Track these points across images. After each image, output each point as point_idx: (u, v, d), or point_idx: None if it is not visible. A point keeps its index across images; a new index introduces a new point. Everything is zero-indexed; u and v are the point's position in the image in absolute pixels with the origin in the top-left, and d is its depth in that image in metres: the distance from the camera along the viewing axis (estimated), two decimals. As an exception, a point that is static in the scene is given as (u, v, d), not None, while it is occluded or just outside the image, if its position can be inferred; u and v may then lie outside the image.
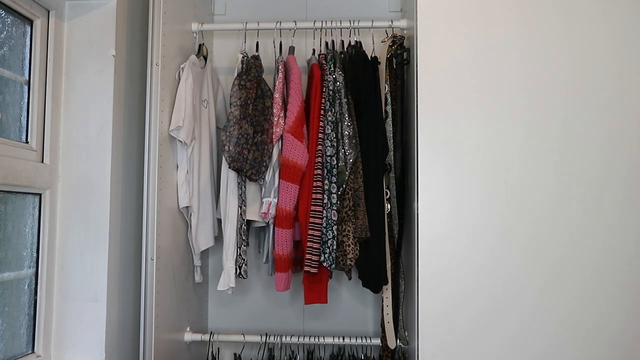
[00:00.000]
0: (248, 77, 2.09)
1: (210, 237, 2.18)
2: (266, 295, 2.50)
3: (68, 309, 1.70)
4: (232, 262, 2.08)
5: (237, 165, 2.03)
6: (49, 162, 1.69)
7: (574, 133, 1.69)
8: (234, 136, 2.03)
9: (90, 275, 1.70)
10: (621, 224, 1.66)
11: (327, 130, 2.07)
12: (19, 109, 1.65)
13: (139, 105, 1.91)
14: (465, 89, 1.71)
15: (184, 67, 2.06)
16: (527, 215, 1.67)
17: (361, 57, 2.15)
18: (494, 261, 1.67)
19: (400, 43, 2.12)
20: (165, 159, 1.95)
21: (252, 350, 2.29)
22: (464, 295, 1.67)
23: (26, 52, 1.67)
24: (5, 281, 1.56)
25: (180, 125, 1.96)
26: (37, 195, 1.67)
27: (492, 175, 1.69)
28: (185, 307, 2.20)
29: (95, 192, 1.71)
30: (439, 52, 1.73)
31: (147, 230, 1.85)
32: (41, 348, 1.67)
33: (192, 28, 2.23)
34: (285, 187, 2.06)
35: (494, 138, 1.70)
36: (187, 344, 2.20)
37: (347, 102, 2.08)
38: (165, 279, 1.94)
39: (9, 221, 1.58)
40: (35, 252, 1.67)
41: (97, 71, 1.74)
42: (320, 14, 2.30)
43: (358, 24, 2.14)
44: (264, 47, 2.28)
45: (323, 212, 2.02)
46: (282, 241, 2.07)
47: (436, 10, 1.74)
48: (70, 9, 1.76)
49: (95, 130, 1.73)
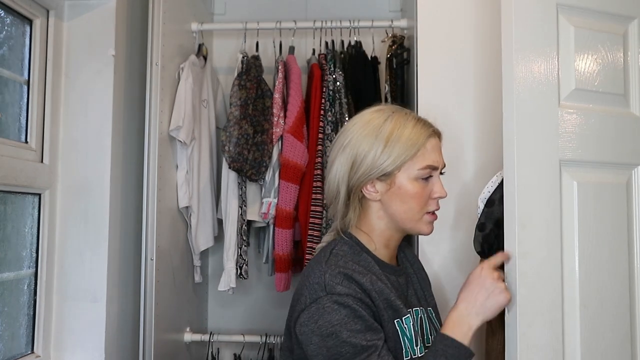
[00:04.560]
0: (248, 77, 2.09)
1: (210, 237, 2.18)
2: (266, 296, 2.49)
3: (68, 309, 1.70)
4: (233, 262, 2.08)
5: (237, 165, 2.03)
6: (49, 162, 1.69)
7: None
8: (234, 136, 2.03)
9: (89, 276, 1.69)
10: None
11: (327, 130, 2.07)
12: (19, 109, 1.64)
13: (139, 105, 1.90)
14: (465, 88, 1.71)
15: (183, 67, 2.05)
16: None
17: (361, 57, 2.15)
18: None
19: (400, 43, 2.12)
20: (165, 159, 1.95)
21: (252, 350, 2.29)
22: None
23: (26, 52, 1.66)
24: (4, 281, 1.56)
25: (180, 125, 1.96)
26: (36, 195, 1.67)
27: (491, 174, 1.69)
28: (185, 307, 2.20)
29: (95, 192, 1.71)
30: (439, 52, 1.73)
31: (147, 230, 1.85)
32: (41, 348, 1.66)
33: (192, 28, 2.22)
34: (285, 187, 2.06)
35: (493, 138, 1.70)
36: (186, 344, 2.19)
37: (347, 102, 2.08)
38: (164, 279, 1.94)
39: (8, 221, 1.58)
40: (34, 252, 1.67)
41: (97, 71, 1.73)
42: (320, 14, 2.29)
43: (358, 23, 2.14)
44: (264, 47, 2.28)
45: (323, 212, 2.02)
46: (282, 241, 2.07)
47: (436, 10, 1.74)
48: (70, 9, 1.75)
49: (95, 130, 1.72)
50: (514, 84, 1.16)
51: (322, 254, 1.16)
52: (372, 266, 1.16)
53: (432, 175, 1.16)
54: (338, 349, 1.04)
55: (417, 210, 1.16)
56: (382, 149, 1.13)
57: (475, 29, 1.72)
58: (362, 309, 1.06)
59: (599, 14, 1.26)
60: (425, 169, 1.14)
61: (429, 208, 1.18)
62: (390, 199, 1.16)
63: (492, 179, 1.43)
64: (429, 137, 1.16)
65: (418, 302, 1.25)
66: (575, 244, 1.19)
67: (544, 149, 1.18)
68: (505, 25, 1.19)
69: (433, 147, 1.16)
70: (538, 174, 1.17)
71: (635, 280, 1.25)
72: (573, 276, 1.18)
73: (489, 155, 1.69)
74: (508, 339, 1.15)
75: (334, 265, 1.10)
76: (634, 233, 1.26)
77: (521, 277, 1.13)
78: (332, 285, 1.07)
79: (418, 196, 1.15)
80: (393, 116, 1.16)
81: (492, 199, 1.39)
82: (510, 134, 1.17)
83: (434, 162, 1.16)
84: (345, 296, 1.06)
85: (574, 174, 1.20)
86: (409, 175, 1.14)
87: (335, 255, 1.14)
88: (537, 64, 1.18)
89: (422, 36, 1.73)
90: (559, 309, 1.16)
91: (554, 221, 1.17)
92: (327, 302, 1.06)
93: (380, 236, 1.20)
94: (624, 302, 1.23)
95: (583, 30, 1.24)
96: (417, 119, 1.18)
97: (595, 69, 1.25)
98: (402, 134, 1.13)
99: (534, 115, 1.18)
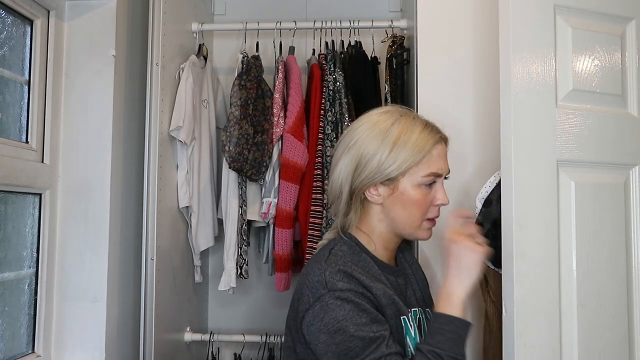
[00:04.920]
0: (248, 77, 2.09)
1: (210, 237, 2.18)
2: (266, 295, 2.50)
3: (68, 309, 1.70)
4: (233, 262, 2.08)
5: (237, 165, 2.03)
6: (49, 162, 1.69)
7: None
8: (234, 136, 2.03)
9: (90, 276, 1.70)
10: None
11: (327, 130, 2.07)
12: (19, 109, 1.65)
13: (139, 105, 1.91)
14: (465, 89, 1.71)
15: (184, 67, 2.06)
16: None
17: (361, 57, 2.15)
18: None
19: (400, 43, 2.12)
20: (165, 159, 1.95)
21: (252, 350, 2.29)
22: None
23: (26, 52, 1.67)
24: (5, 281, 1.56)
25: (180, 125, 1.96)
26: (37, 195, 1.67)
27: (490, 174, 1.69)
28: (185, 307, 2.20)
29: (95, 192, 1.71)
30: (439, 52, 1.73)
31: (147, 230, 1.85)
32: (41, 348, 1.67)
33: (192, 28, 2.23)
34: (286, 187, 2.06)
35: (493, 138, 1.70)
36: (187, 344, 2.20)
37: (347, 102, 2.08)
38: (165, 279, 1.94)
39: (9, 221, 1.58)
40: (35, 252, 1.67)
41: (97, 71, 1.74)
42: (320, 14, 2.30)
43: (358, 24, 2.14)
44: (264, 47, 2.28)
45: (323, 212, 2.02)
46: (282, 241, 2.08)
47: (436, 10, 1.74)
48: (70, 9, 1.76)
49: (95, 130, 1.73)
50: (512, 85, 1.17)
51: (322, 253, 1.17)
52: (371, 267, 1.16)
53: (436, 182, 1.16)
54: (347, 343, 1.04)
55: (417, 217, 1.16)
56: (387, 153, 1.13)
57: (475, 29, 1.72)
58: (365, 302, 1.07)
59: (597, 14, 1.27)
60: (429, 176, 1.14)
61: (430, 215, 1.18)
62: (392, 203, 1.16)
63: (490, 179, 1.43)
64: (436, 143, 1.16)
65: (417, 303, 1.25)
66: (572, 244, 1.19)
67: (541, 149, 1.18)
68: (502, 26, 1.19)
69: (439, 154, 1.16)
70: (536, 174, 1.17)
71: (634, 280, 1.26)
72: (571, 276, 1.18)
73: (487, 155, 1.69)
74: (505, 338, 1.15)
75: (333, 264, 1.11)
76: (632, 233, 1.27)
77: (518, 277, 1.14)
78: (333, 282, 1.07)
79: (420, 203, 1.15)
80: (401, 120, 1.16)
81: (489, 198, 1.40)
82: (507, 135, 1.17)
83: (439, 170, 1.16)
84: (347, 291, 1.06)
85: (572, 174, 1.20)
86: (412, 181, 1.14)
87: (334, 254, 1.14)
88: (534, 64, 1.19)
89: (422, 36, 1.73)
90: (556, 309, 1.16)
91: (551, 221, 1.18)
92: (329, 299, 1.06)
93: (379, 238, 1.20)
94: (622, 302, 1.24)
95: (580, 31, 1.25)
96: (425, 124, 1.17)
97: (592, 69, 1.26)
98: (409, 139, 1.13)
99: (532, 116, 1.18)
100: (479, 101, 1.70)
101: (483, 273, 1.45)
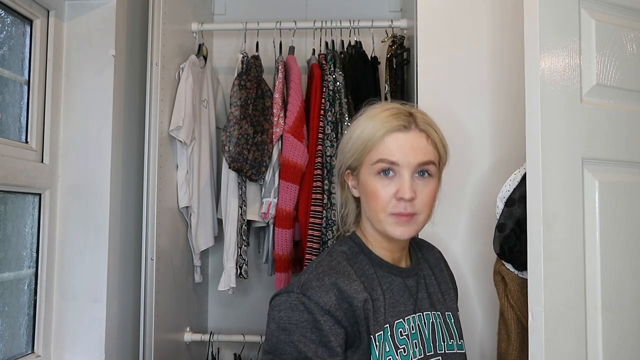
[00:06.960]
0: (248, 77, 2.09)
1: (210, 237, 2.18)
2: (266, 296, 2.48)
3: (68, 309, 1.70)
4: (233, 262, 2.08)
5: (237, 165, 2.03)
6: (49, 162, 1.69)
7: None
8: (234, 136, 2.03)
9: (90, 276, 1.70)
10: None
11: (327, 130, 2.07)
12: (19, 109, 1.64)
13: (139, 105, 1.91)
14: (465, 88, 1.71)
15: (183, 67, 2.05)
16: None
17: (361, 57, 2.15)
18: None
19: (400, 43, 2.12)
20: (165, 159, 1.95)
21: (252, 350, 2.29)
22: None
23: (26, 52, 1.67)
24: (5, 281, 1.56)
25: (180, 125, 1.96)
26: (36, 195, 1.67)
27: (493, 174, 1.69)
28: (185, 307, 2.20)
29: (95, 192, 1.71)
30: (439, 52, 1.73)
31: (147, 230, 1.85)
32: (41, 348, 1.66)
33: (192, 28, 2.22)
34: (285, 187, 2.06)
35: (493, 137, 1.70)
36: (186, 344, 2.19)
37: (347, 102, 2.08)
38: (165, 279, 1.94)
39: (8, 221, 1.58)
40: (35, 252, 1.67)
41: (97, 71, 1.73)
42: (320, 14, 2.29)
43: (358, 24, 2.14)
44: (264, 47, 2.28)
45: (323, 212, 2.02)
46: (282, 241, 2.08)
47: (436, 10, 1.74)
48: (70, 9, 1.75)
49: (95, 130, 1.73)
50: (539, 81, 1.13)
51: (322, 253, 1.16)
52: (367, 269, 1.11)
53: (395, 173, 1.06)
54: (284, 345, 1.01)
55: (377, 210, 1.08)
56: (347, 139, 1.13)
57: (476, 28, 1.72)
58: (325, 324, 1.01)
59: (622, 8, 1.23)
60: (377, 163, 1.07)
61: (392, 209, 1.06)
62: (360, 196, 1.14)
63: (510, 177, 1.37)
64: (393, 131, 1.06)
65: (431, 306, 1.17)
66: (597, 245, 1.15)
67: (567, 146, 1.14)
68: (528, 20, 1.15)
69: (396, 141, 1.06)
70: (562, 173, 1.13)
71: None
72: (595, 278, 1.14)
73: (487, 155, 1.69)
74: (532, 346, 1.10)
75: (321, 267, 1.08)
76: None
77: (547, 280, 1.09)
78: (307, 287, 1.04)
79: (377, 194, 1.07)
80: (371, 108, 1.12)
81: (512, 197, 1.33)
82: (534, 132, 1.12)
83: (390, 156, 1.06)
84: (314, 304, 1.02)
85: (596, 173, 1.16)
86: (369, 171, 1.08)
87: (329, 255, 1.12)
88: (559, 59, 1.15)
89: (422, 36, 1.73)
90: (582, 312, 1.12)
91: (577, 221, 1.13)
92: (295, 299, 1.03)
93: (371, 236, 1.15)
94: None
95: (604, 24, 1.20)
96: (391, 112, 1.09)
97: (616, 64, 1.21)
98: (366, 126, 1.09)
99: (558, 112, 1.14)
100: (479, 101, 1.70)
101: (501, 276, 1.41)
